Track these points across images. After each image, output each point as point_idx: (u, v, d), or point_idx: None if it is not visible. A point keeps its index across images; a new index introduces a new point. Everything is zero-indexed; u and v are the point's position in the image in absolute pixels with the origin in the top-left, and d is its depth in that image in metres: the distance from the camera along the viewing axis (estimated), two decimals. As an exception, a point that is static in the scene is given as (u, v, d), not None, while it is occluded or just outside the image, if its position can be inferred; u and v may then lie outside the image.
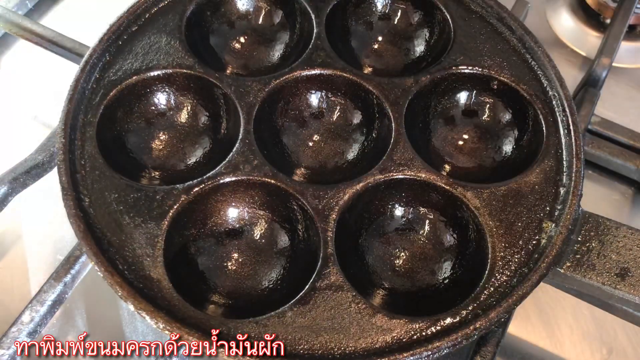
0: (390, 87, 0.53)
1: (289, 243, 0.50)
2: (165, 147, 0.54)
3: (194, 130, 0.55)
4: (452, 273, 0.49)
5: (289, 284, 0.48)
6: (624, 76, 0.70)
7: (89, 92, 0.51)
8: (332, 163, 0.55)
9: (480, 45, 0.56)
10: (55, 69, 0.66)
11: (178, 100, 0.54)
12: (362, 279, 0.48)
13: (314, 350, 0.42)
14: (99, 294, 0.54)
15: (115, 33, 0.53)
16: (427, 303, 0.48)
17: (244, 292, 0.48)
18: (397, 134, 0.51)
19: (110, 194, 0.47)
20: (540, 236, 0.47)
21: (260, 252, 0.50)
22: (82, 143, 0.49)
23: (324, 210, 0.47)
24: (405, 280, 0.49)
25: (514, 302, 0.43)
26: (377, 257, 0.50)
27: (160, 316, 0.41)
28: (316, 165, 0.54)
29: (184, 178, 0.48)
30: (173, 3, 0.57)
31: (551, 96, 0.53)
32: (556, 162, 0.50)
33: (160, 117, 0.54)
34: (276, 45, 0.60)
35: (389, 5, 0.61)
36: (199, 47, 0.57)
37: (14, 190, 0.53)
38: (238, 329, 0.42)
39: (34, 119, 0.65)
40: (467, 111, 0.56)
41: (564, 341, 0.54)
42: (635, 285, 0.44)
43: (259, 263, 0.49)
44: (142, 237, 0.45)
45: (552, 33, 0.74)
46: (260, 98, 0.52)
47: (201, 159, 0.54)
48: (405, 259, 0.50)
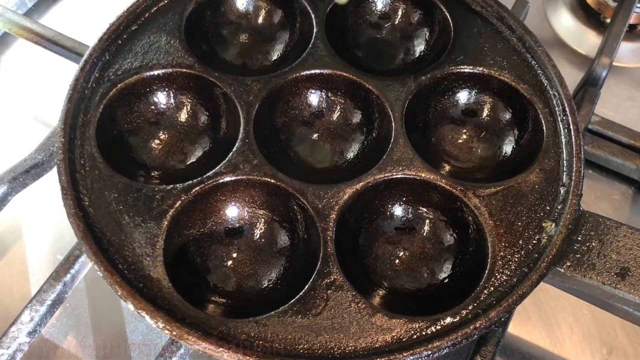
0: (390, 86, 0.53)
1: (289, 243, 0.50)
2: (165, 146, 0.54)
3: (194, 129, 0.55)
4: (452, 272, 0.49)
5: (289, 284, 0.48)
6: (624, 76, 0.70)
7: (88, 91, 0.51)
8: (332, 162, 0.55)
9: (480, 45, 0.56)
10: (54, 68, 0.66)
11: (178, 99, 0.54)
12: (362, 278, 0.48)
13: (314, 350, 0.42)
14: (98, 293, 0.54)
15: (115, 32, 0.53)
16: (427, 303, 0.48)
17: (244, 291, 0.48)
18: (397, 134, 0.51)
19: (110, 194, 0.47)
20: (540, 236, 0.47)
21: (260, 252, 0.50)
22: (82, 142, 0.49)
23: (324, 210, 0.47)
24: (405, 279, 0.49)
25: (514, 301, 0.43)
26: (377, 257, 0.50)
27: (160, 316, 0.41)
28: (316, 165, 0.54)
29: (184, 177, 0.48)
30: (173, 2, 0.56)
31: (551, 96, 0.53)
32: (556, 162, 0.50)
33: (160, 116, 0.54)
34: (276, 45, 0.60)
35: (388, 4, 0.61)
36: (199, 46, 0.57)
37: (14, 189, 0.53)
38: (238, 329, 0.42)
39: (34, 118, 0.65)
40: (467, 111, 0.56)
41: (564, 341, 0.54)
42: (636, 284, 0.44)
43: (259, 263, 0.49)
44: (141, 236, 0.45)
45: (552, 32, 0.74)
46: (260, 98, 0.52)
47: (201, 159, 0.54)
48: (405, 259, 0.50)
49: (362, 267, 0.49)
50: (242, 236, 0.50)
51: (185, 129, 0.55)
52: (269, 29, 0.61)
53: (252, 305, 0.47)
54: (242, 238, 0.50)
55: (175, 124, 0.55)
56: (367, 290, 0.48)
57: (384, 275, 0.49)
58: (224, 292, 0.48)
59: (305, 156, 0.55)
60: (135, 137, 0.53)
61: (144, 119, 0.54)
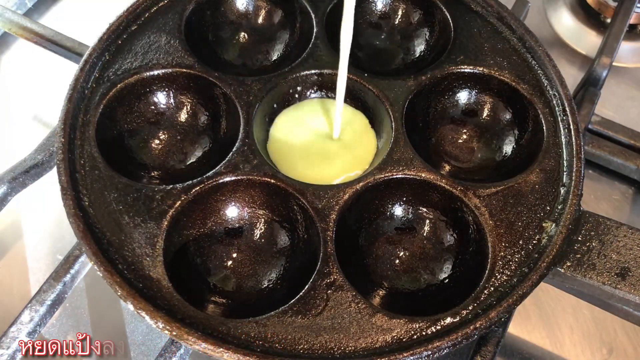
0: (390, 86, 0.53)
1: (289, 242, 0.50)
2: (165, 146, 0.54)
3: (194, 129, 0.55)
4: (452, 272, 0.49)
5: (289, 284, 0.48)
6: (624, 75, 0.70)
7: (88, 91, 0.51)
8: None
9: (480, 45, 0.56)
10: (54, 68, 0.66)
11: (177, 99, 0.54)
12: (362, 278, 0.48)
13: (314, 350, 0.42)
14: (98, 293, 0.54)
15: (115, 32, 0.53)
16: (427, 302, 0.48)
17: (244, 291, 0.48)
18: (397, 134, 0.51)
19: (109, 194, 0.47)
20: (541, 236, 0.47)
21: (260, 252, 0.50)
22: (82, 142, 0.49)
23: (323, 210, 0.47)
24: (405, 279, 0.49)
25: (514, 301, 0.43)
26: (377, 257, 0.50)
27: (159, 316, 0.41)
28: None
29: (184, 177, 0.48)
30: (173, 2, 0.56)
31: (551, 95, 0.53)
32: (556, 162, 0.50)
33: (159, 116, 0.54)
34: (276, 45, 0.60)
35: (388, 4, 0.61)
36: (199, 46, 0.57)
37: (14, 189, 0.53)
38: (238, 329, 0.42)
39: (34, 118, 0.65)
40: (467, 111, 0.56)
41: (564, 341, 0.54)
42: (636, 284, 0.44)
43: (258, 262, 0.49)
44: (141, 236, 0.45)
45: (553, 32, 0.74)
46: (260, 98, 0.52)
47: (201, 159, 0.54)
48: (405, 259, 0.50)
49: (362, 267, 0.49)
50: (242, 236, 0.50)
51: (185, 129, 0.55)
52: (269, 29, 0.61)
53: (252, 305, 0.47)
54: (242, 238, 0.50)
55: (175, 124, 0.55)
56: (367, 290, 0.48)
57: (384, 275, 0.49)
58: (223, 292, 0.48)
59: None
60: (134, 136, 0.53)
61: (143, 118, 0.54)
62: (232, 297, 0.48)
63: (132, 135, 0.53)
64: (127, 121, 0.53)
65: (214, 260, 0.49)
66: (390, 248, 0.50)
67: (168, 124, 0.54)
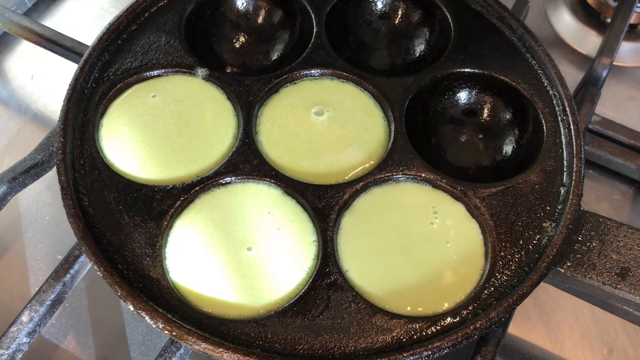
0: (390, 86, 0.53)
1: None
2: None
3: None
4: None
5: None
6: (624, 75, 0.70)
7: (88, 91, 0.51)
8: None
9: (480, 45, 0.56)
10: (54, 68, 0.66)
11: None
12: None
13: (314, 350, 0.42)
14: (98, 293, 0.54)
15: (115, 32, 0.53)
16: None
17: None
18: (397, 134, 0.51)
19: (109, 194, 0.47)
20: (541, 236, 0.47)
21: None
22: (82, 142, 0.49)
23: (324, 210, 0.47)
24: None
25: (514, 301, 0.43)
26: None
27: (159, 316, 0.41)
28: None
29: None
30: (172, 2, 0.57)
31: (552, 95, 0.53)
32: (556, 162, 0.50)
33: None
34: (276, 45, 0.60)
35: (388, 4, 0.61)
36: (198, 46, 0.56)
37: (13, 189, 0.53)
38: (238, 329, 0.42)
39: (33, 118, 0.65)
40: (467, 111, 0.56)
41: (564, 341, 0.54)
42: (636, 284, 0.44)
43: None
44: (141, 236, 0.45)
45: (553, 32, 0.74)
46: (259, 97, 0.52)
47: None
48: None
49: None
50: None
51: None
52: (269, 29, 0.61)
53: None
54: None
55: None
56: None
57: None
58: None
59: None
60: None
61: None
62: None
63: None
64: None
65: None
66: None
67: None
